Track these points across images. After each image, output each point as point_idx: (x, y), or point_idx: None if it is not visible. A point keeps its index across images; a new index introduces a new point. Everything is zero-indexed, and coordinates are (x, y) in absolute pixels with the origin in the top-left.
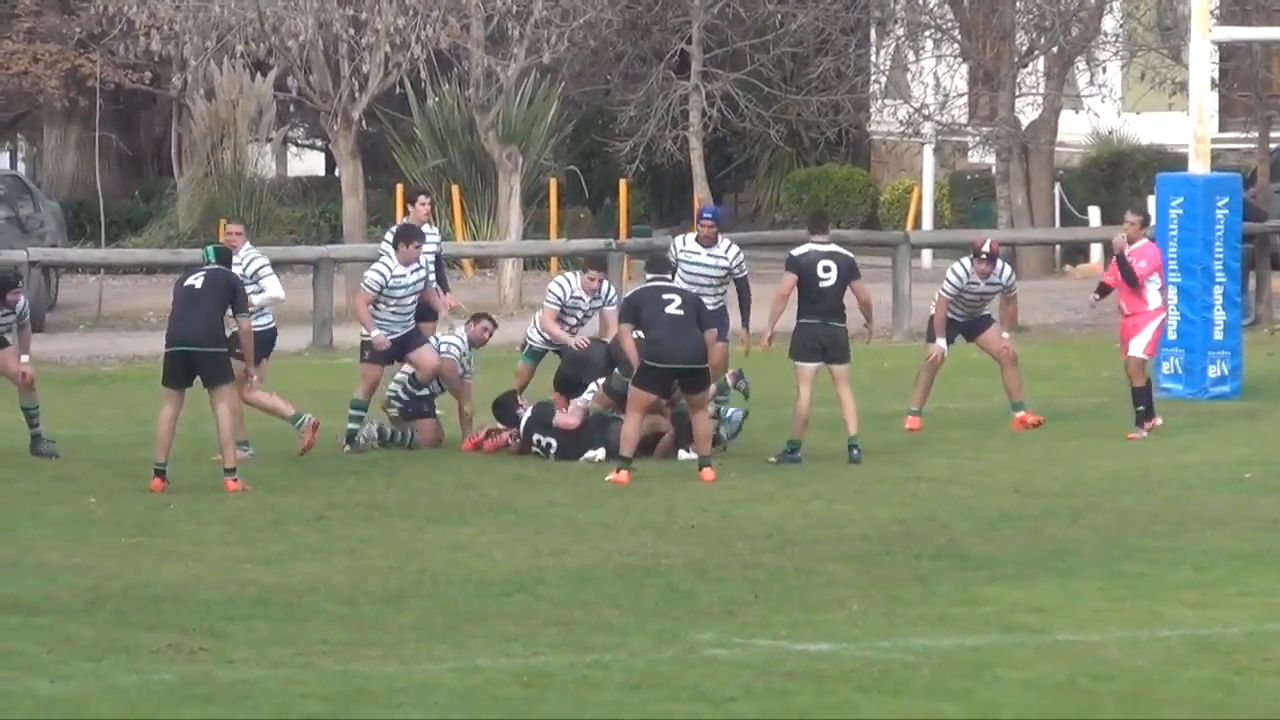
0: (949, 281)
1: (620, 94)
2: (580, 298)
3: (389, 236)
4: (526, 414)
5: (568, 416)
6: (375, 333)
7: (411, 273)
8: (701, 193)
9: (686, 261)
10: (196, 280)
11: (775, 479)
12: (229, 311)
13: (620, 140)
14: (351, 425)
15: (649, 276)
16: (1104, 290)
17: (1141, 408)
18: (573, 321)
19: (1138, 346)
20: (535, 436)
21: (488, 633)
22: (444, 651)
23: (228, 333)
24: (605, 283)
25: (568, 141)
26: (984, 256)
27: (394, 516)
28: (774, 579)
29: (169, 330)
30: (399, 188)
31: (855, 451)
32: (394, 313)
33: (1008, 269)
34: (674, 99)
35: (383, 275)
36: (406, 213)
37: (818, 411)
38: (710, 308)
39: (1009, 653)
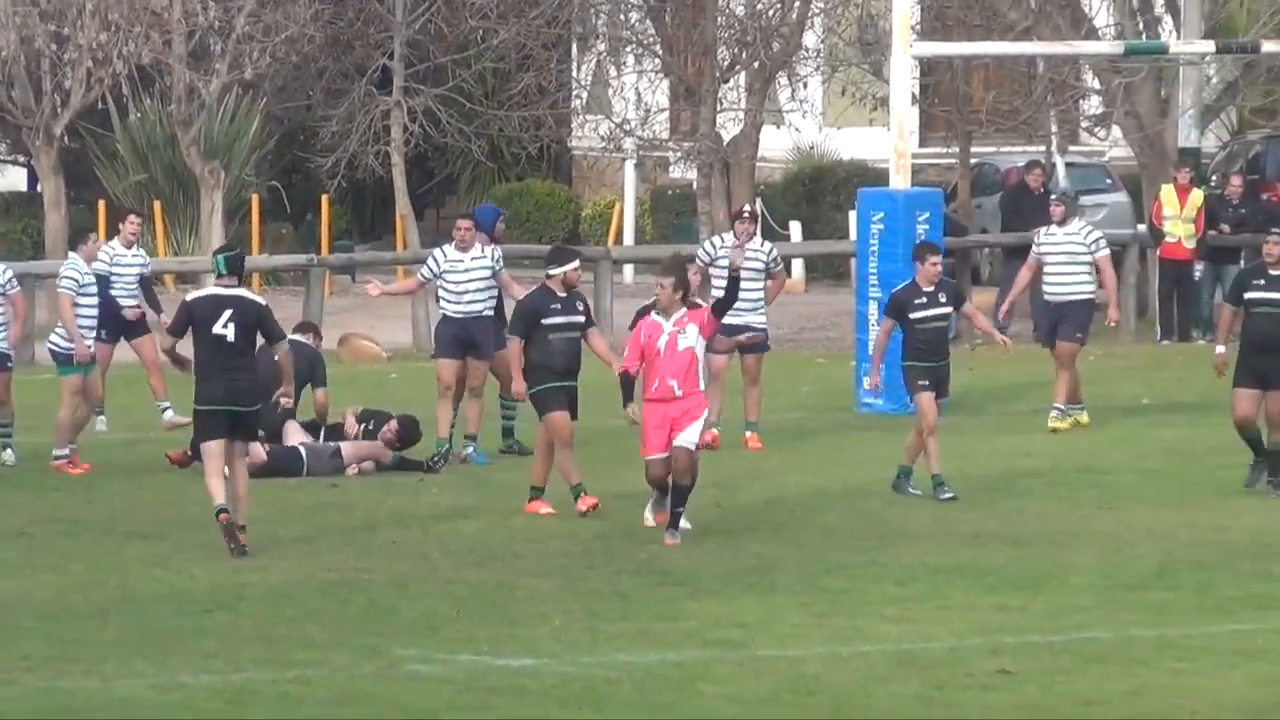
0: (701, 249)
1: (322, 109)
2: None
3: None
4: None
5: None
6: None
7: (471, 259)
8: (403, 208)
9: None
10: (227, 330)
11: (478, 494)
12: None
13: (322, 156)
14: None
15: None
16: (628, 383)
17: (680, 509)
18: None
19: (690, 436)
20: None
21: (189, 649)
22: (145, 668)
23: None
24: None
25: (270, 157)
26: (746, 215)
27: (96, 533)
28: (476, 594)
29: (209, 389)
30: (101, 203)
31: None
32: (455, 300)
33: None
34: (376, 114)
35: (436, 262)
36: (116, 230)
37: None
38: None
39: (711, 668)
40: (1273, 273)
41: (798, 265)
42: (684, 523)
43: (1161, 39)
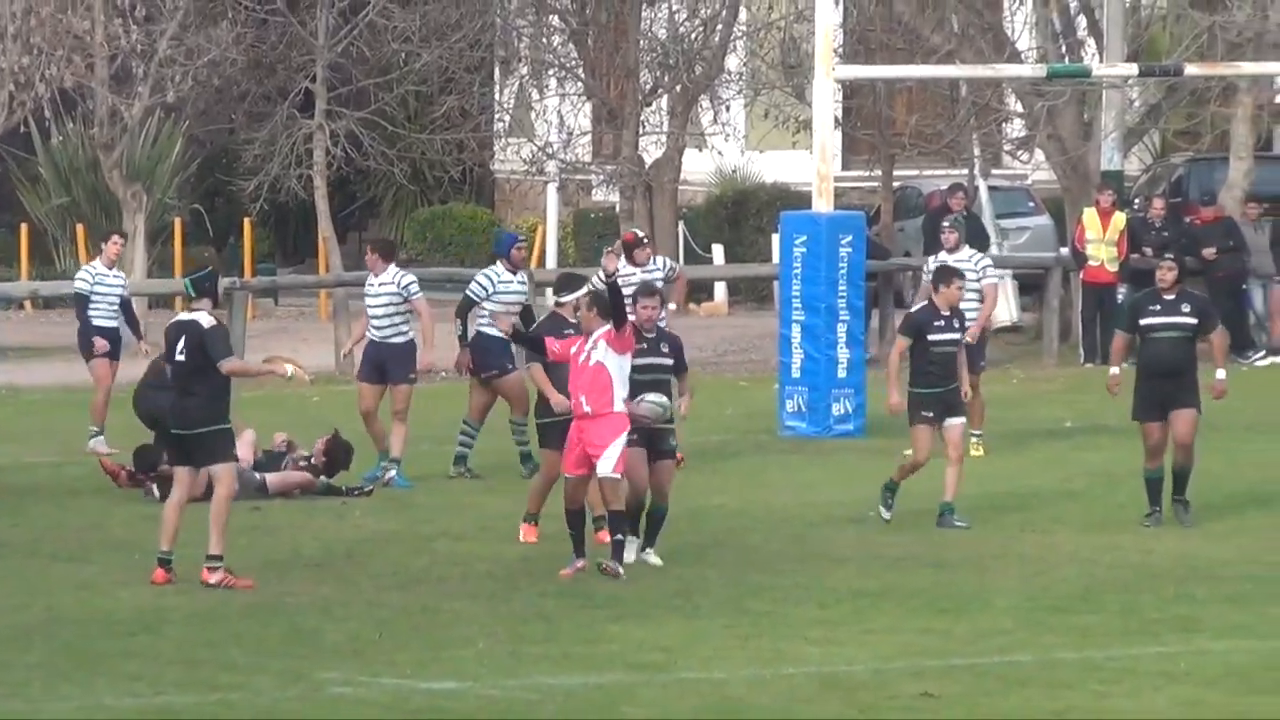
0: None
1: (244, 133)
2: None
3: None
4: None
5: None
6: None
7: (518, 281)
8: (326, 231)
9: (504, 291)
10: (181, 355)
11: (401, 517)
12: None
13: (244, 179)
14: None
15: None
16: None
17: (620, 536)
18: None
19: (607, 464)
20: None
21: (113, 671)
22: (70, 690)
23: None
24: None
25: (192, 180)
26: (644, 241)
27: (20, 555)
28: (399, 617)
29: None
30: (24, 226)
31: None
32: (370, 324)
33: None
34: (298, 138)
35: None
36: (99, 250)
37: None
38: None
39: (634, 691)
40: (1167, 298)
41: (720, 288)
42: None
43: (1084, 62)
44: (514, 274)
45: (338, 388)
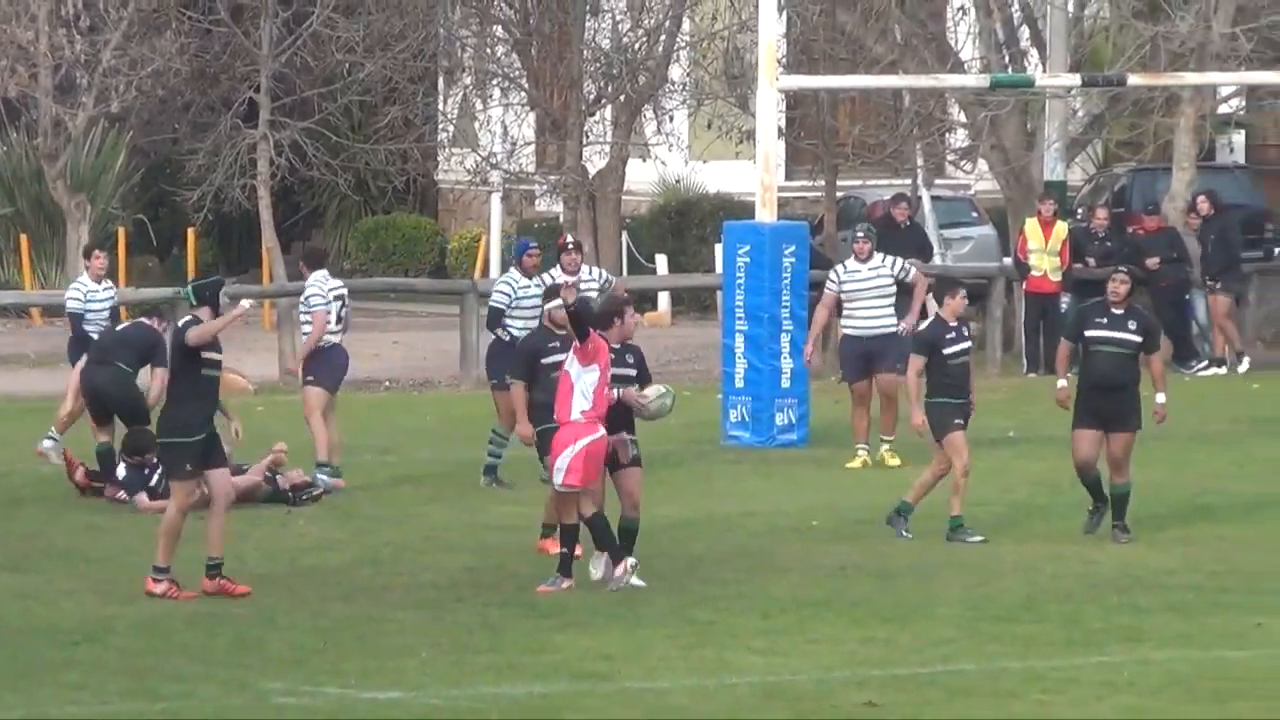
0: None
1: (188, 143)
2: None
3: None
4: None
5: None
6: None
7: (534, 285)
8: (270, 242)
9: (524, 296)
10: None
11: (345, 527)
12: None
13: (188, 189)
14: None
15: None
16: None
17: (566, 550)
18: None
19: (557, 475)
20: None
21: (57, 681)
22: (13, 700)
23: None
24: None
25: (136, 190)
26: (570, 246)
27: None
28: (343, 627)
29: None
30: None
31: None
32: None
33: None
34: (242, 148)
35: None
36: (86, 267)
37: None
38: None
39: (577, 701)
40: (1115, 312)
41: (664, 298)
42: (636, 577)
43: (1027, 72)
44: (530, 279)
45: (282, 398)
